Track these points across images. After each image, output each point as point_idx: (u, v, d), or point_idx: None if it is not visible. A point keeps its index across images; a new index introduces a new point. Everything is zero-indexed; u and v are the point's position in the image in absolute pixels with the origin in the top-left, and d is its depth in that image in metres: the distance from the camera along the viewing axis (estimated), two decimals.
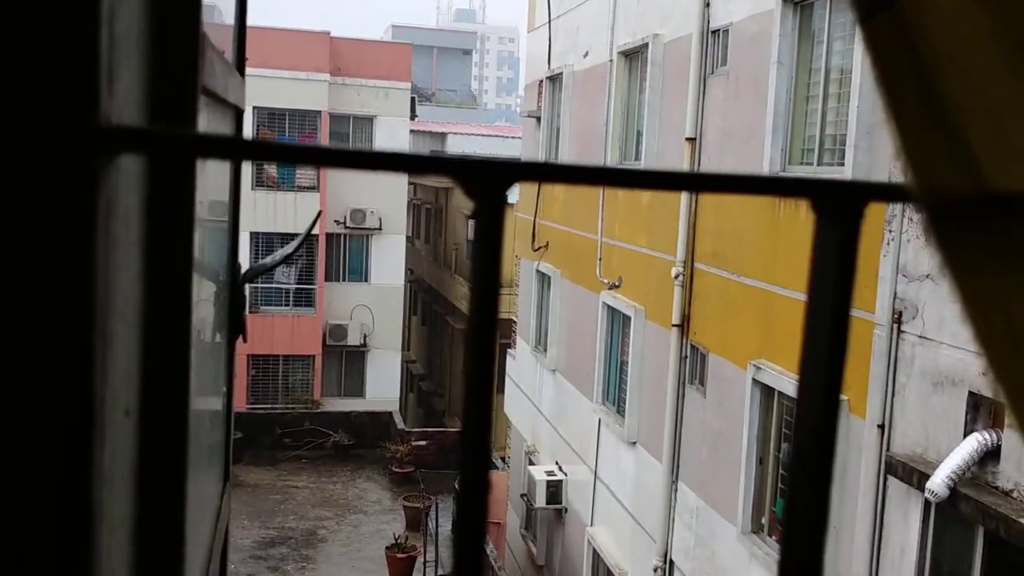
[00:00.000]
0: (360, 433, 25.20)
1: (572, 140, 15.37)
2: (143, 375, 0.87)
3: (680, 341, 10.96)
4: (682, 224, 10.84)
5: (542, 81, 16.78)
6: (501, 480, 18.96)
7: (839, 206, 0.55)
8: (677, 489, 11.10)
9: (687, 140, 10.80)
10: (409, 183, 30.46)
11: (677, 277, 10.91)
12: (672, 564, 11.19)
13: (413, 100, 28.86)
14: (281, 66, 26.15)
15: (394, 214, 28.24)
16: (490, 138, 35.37)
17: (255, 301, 26.65)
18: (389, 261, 28.36)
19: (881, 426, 7.25)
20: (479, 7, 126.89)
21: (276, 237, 25.36)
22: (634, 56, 12.90)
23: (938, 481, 6.24)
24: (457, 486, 0.51)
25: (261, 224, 25.78)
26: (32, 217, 0.53)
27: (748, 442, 9.35)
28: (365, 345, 27.99)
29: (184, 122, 0.92)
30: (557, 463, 15.53)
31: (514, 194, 19.32)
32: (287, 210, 26.41)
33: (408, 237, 30.55)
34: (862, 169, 7.59)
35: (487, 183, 0.51)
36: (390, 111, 27.97)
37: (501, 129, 41.78)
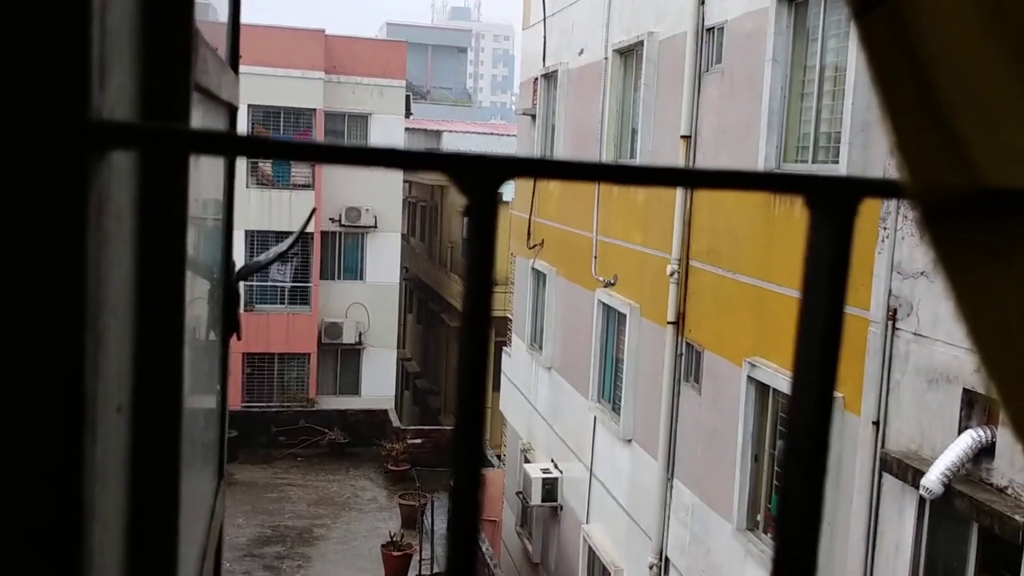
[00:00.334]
0: (356, 431, 25.18)
1: (567, 138, 15.37)
2: (136, 372, 0.87)
3: (675, 338, 10.97)
4: (677, 221, 10.85)
5: (537, 79, 16.78)
6: (497, 478, 18.96)
7: (833, 202, 0.55)
8: (672, 486, 11.11)
9: (682, 138, 10.81)
10: (404, 181, 30.46)
11: (672, 275, 10.91)
12: (667, 561, 11.20)
13: (408, 98, 28.85)
14: (276, 64, 26.12)
15: (389, 212, 28.23)
16: (485, 136, 35.34)
17: (250, 299, 26.62)
18: (384, 259, 28.35)
19: (876, 423, 7.26)
20: (474, 5, 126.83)
21: (271, 235, 25.35)
22: (629, 54, 12.91)
23: (933, 478, 6.25)
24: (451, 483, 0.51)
25: (256, 222, 25.75)
26: (22, 212, 0.53)
27: (743, 439, 9.36)
28: (360, 343, 27.98)
29: (177, 118, 0.91)
30: (553, 461, 15.54)
31: (509, 192, 19.32)
32: (282, 208, 26.39)
33: (403, 235, 30.55)
34: (857, 166, 7.60)
35: (480, 179, 0.50)
36: (385, 109, 27.95)
37: (496, 127, 41.76)
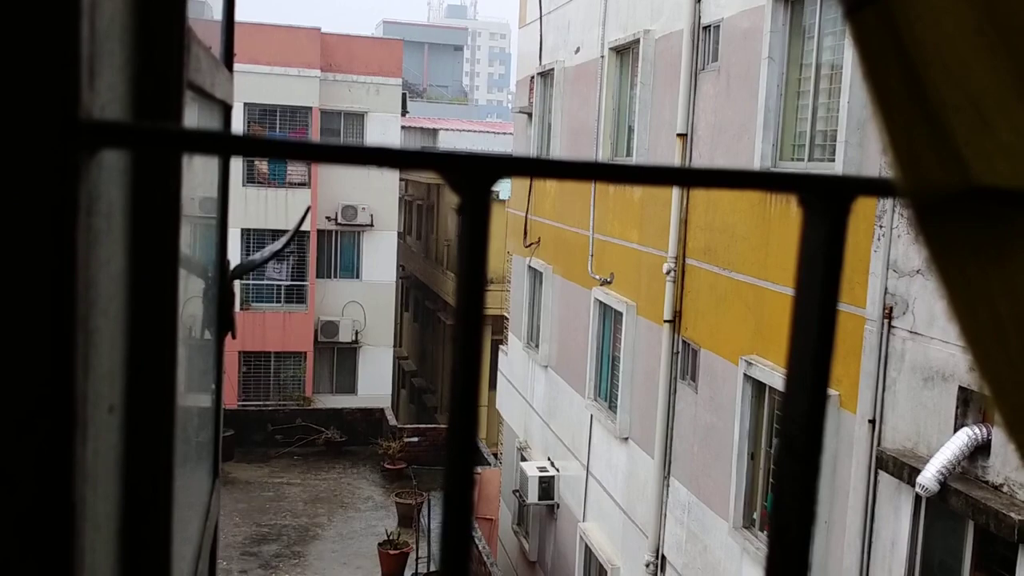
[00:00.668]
0: (352, 430, 25.18)
1: (563, 136, 15.37)
2: (128, 372, 0.86)
3: (672, 337, 10.97)
4: (674, 220, 10.85)
5: (533, 77, 16.77)
6: (493, 476, 18.96)
7: (827, 200, 0.55)
8: (669, 484, 11.12)
9: (678, 136, 10.81)
10: (400, 179, 30.44)
11: (669, 273, 10.92)
12: (664, 559, 11.21)
13: (404, 96, 28.84)
14: (272, 62, 26.11)
15: (385, 210, 28.22)
16: (482, 134, 35.33)
17: (247, 298, 26.61)
18: (381, 257, 28.34)
19: (872, 421, 7.27)
20: (470, 3, 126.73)
21: (267, 233, 25.34)
22: (625, 52, 12.90)
23: (928, 476, 6.26)
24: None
25: (252, 221, 25.75)
26: (10, 212, 0.52)
27: (739, 437, 9.37)
28: (357, 342, 27.97)
29: (169, 117, 0.91)
30: (549, 459, 15.54)
31: (506, 190, 19.33)
32: (278, 206, 26.37)
33: (400, 233, 30.54)
34: (853, 164, 7.60)
35: (472, 178, 0.50)
36: (381, 107, 27.93)
37: (493, 125, 41.73)
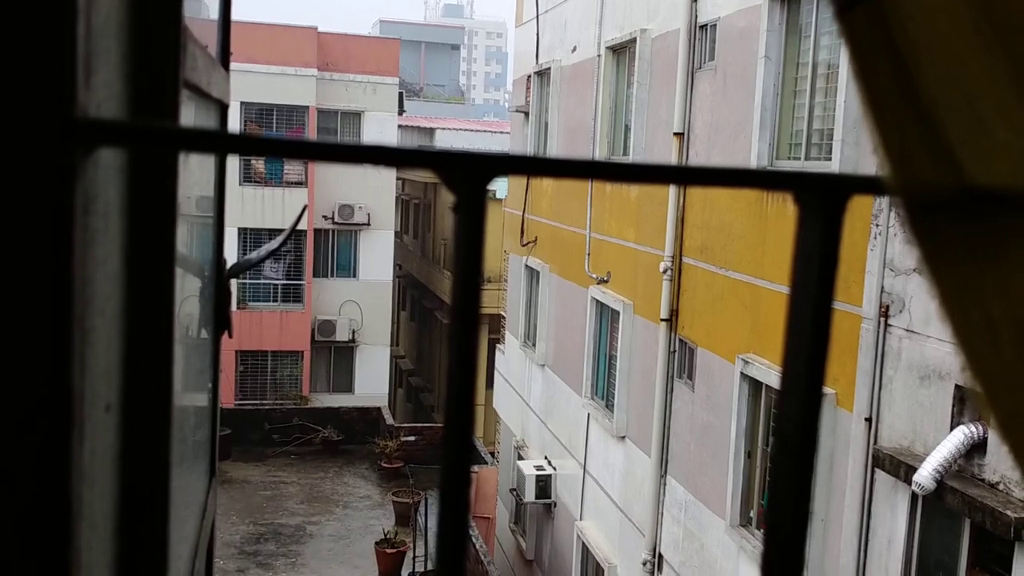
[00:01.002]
0: (349, 429, 25.17)
1: (560, 135, 15.37)
2: (125, 371, 0.86)
3: (668, 335, 10.98)
4: (670, 218, 10.86)
5: (530, 76, 16.77)
6: (490, 475, 18.96)
7: (822, 199, 0.55)
8: (666, 483, 11.13)
9: (675, 135, 10.82)
10: (397, 178, 30.42)
11: (665, 271, 10.92)
12: (661, 558, 11.22)
13: (401, 95, 28.83)
14: (269, 61, 26.08)
15: (382, 209, 28.21)
16: (478, 133, 35.32)
17: (243, 297, 26.59)
18: (377, 257, 28.32)
19: (868, 419, 7.28)
20: (467, 2, 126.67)
21: (264, 233, 25.32)
22: (622, 51, 12.91)
23: (925, 474, 6.27)
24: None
25: (249, 220, 25.73)
26: (6, 210, 0.52)
27: (736, 436, 9.38)
28: (354, 341, 27.96)
29: (166, 116, 0.91)
30: (546, 458, 15.55)
31: (503, 189, 19.32)
32: (275, 206, 26.35)
33: (396, 232, 30.52)
34: (849, 163, 7.61)
35: (468, 176, 0.50)
36: (378, 106, 27.92)
37: (489, 124, 41.72)
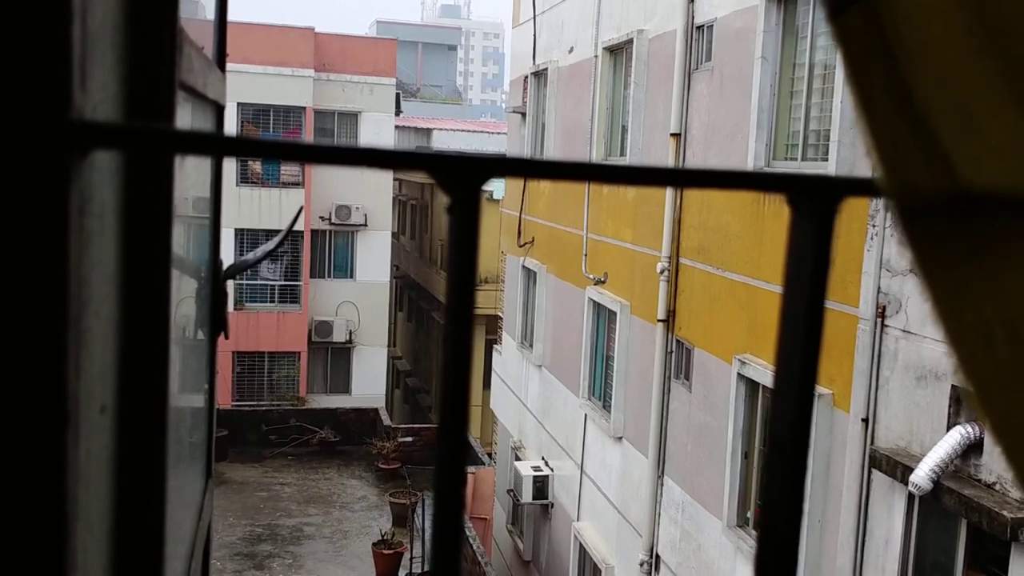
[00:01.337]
0: (346, 430, 25.16)
1: (557, 136, 15.37)
2: (121, 372, 0.87)
3: (665, 336, 10.99)
4: (667, 219, 10.87)
5: (527, 77, 16.77)
6: (488, 476, 18.96)
7: (815, 201, 0.55)
8: (663, 483, 11.13)
9: (672, 136, 10.82)
10: (394, 179, 30.42)
11: (662, 272, 10.93)
12: (658, 558, 11.23)
13: (398, 96, 28.83)
14: (266, 62, 26.07)
15: (379, 210, 28.21)
16: (475, 134, 35.31)
17: (240, 298, 26.57)
18: (375, 257, 28.32)
19: (865, 420, 7.29)
20: (464, 3, 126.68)
21: (261, 233, 25.31)
22: (619, 52, 12.91)
23: (922, 474, 6.28)
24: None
25: (246, 220, 25.71)
26: (2, 212, 0.53)
27: (733, 436, 9.39)
28: (351, 341, 27.95)
29: (162, 118, 0.91)
30: (543, 458, 15.55)
31: (500, 190, 19.32)
32: (272, 206, 26.34)
33: (394, 233, 30.52)
34: (846, 164, 7.62)
35: (462, 178, 0.51)
36: (375, 107, 27.92)
37: (486, 125, 41.71)
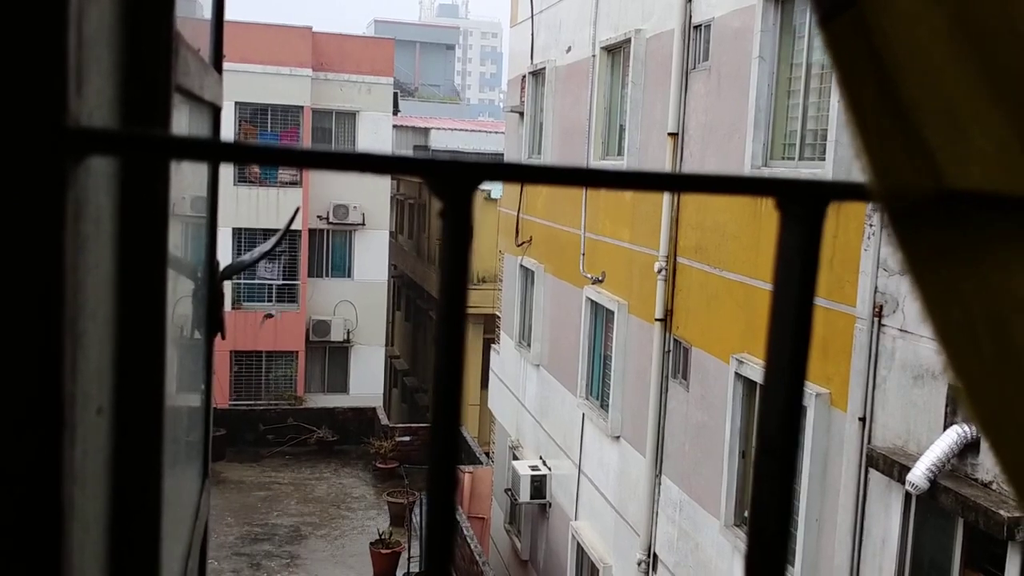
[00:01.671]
0: (344, 429, 25.15)
1: (555, 135, 15.37)
2: (117, 374, 0.87)
3: (663, 335, 10.99)
4: (665, 219, 10.87)
5: (525, 76, 16.77)
6: (485, 475, 18.97)
7: (803, 205, 0.56)
8: (660, 483, 11.14)
9: (669, 135, 10.83)
10: (392, 179, 30.40)
11: (660, 271, 10.94)
12: (656, 557, 11.23)
13: (396, 95, 28.80)
14: (263, 61, 26.05)
15: (377, 210, 28.19)
16: (473, 133, 35.30)
17: (238, 297, 26.55)
18: (372, 257, 28.30)
19: (862, 419, 7.30)
20: (461, 2, 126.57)
21: (259, 233, 25.29)
22: (616, 51, 12.92)
23: (918, 473, 6.28)
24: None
25: (243, 220, 25.69)
26: None
27: (731, 435, 9.39)
28: (349, 341, 27.94)
29: (158, 122, 0.92)
30: (541, 458, 15.55)
31: (497, 189, 19.32)
32: (269, 206, 26.32)
33: (391, 232, 30.50)
34: (843, 164, 7.63)
35: (454, 183, 0.51)
36: (373, 106, 27.90)
37: (484, 124, 41.70)
